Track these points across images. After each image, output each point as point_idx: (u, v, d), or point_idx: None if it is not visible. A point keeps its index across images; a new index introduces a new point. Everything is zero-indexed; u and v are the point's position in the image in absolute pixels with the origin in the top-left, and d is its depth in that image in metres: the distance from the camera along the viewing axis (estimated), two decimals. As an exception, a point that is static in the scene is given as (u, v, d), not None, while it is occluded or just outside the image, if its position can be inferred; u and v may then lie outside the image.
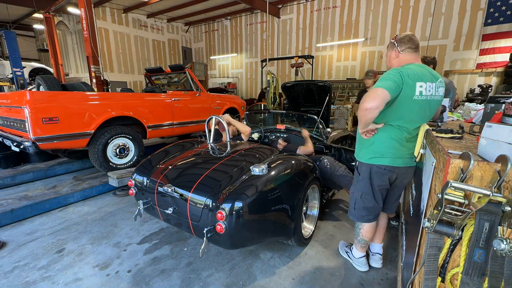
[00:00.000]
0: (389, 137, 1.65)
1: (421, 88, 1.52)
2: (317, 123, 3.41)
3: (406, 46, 1.65)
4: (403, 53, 1.66)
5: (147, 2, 10.42)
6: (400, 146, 1.65)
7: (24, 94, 3.03)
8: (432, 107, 1.64)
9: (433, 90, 1.58)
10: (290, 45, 11.71)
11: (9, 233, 2.63)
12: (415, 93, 1.51)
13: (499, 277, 0.83)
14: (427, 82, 1.54)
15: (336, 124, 7.38)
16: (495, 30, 7.60)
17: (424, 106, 1.58)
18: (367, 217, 1.87)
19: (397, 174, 1.73)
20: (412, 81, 1.50)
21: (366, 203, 1.83)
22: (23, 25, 13.20)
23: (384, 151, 1.67)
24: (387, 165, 1.68)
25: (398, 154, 1.66)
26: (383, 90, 1.45)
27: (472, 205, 0.88)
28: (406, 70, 1.53)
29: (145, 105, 4.18)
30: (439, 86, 1.62)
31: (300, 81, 4.54)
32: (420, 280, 1.12)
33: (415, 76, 1.52)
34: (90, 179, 3.89)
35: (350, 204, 1.94)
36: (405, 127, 1.61)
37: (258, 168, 1.90)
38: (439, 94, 1.63)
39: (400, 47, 1.66)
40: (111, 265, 2.13)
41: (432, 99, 1.59)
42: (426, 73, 1.58)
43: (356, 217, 1.92)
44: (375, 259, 2.10)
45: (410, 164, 1.72)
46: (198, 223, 1.83)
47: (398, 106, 1.55)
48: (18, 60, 7.48)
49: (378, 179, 1.74)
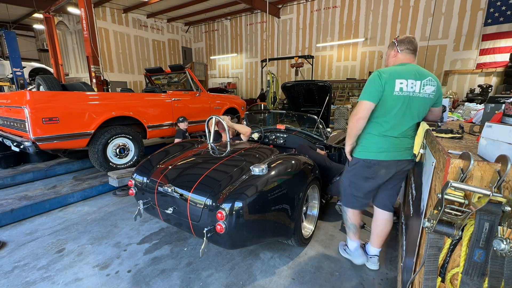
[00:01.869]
0: (372, 133, 1.79)
1: (401, 85, 1.63)
2: (317, 123, 3.41)
3: (405, 47, 1.75)
4: (401, 53, 1.76)
5: (147, 2, 10.42)
6: (382, 141, 1.75)
7: (24, 94, 3.03)
8: (419, 104, 1.68)
9: (416, 87, 1.65)
10: (290, 45, 11.72)
11: (9, 233, 2.63)
12: (395, 89, 1.63)
13: (499, 277, 0.83)
14: (408, 79, 1.64)
15: (336, 124, 7.38)
16: (495, 30, 7.60)
17: (407, 102, 1.65)
18: (353, 203, 2.01)
19: (382, 168, 1.81)
20: (391, 79, 1.63)
21: (354, 191, 1.97)
22: (23, 25, 13.20)
23: (369, 146, 1.80)
24: (372, 159, 1.81)
25: (381, 149, 1.76)
26: (366, 103, 1.67)
27: (472, 205, 0.88)
28: (385, 70, 1.67)
29: (145, 105, 4.18)
30: (426, 84, 1.67)
31: (300, 81, 4.54)
32: (420, 280, 1.12)
33: (394, 74, 1.64)
34: (90, 179, 3.89)
35: (341, 190, 2.12)
36: (389, 123, 1.71)
37: (258, 168, 1.90)
38: (425, 92, 1.67)
39: (400, 47, 1.76)
40: (111, 265, 2.13)
41: (415, 96, 1.66)
42: (410, 71, 1.66)
43: (345, 202, 2.06)
44: (373, 261, 2.10)
45: (398, 157, 1.77)
46: (198, 223, 1.83)
47: (381, 103, 1.68)
48: (18, 60, 7.48)
49: (364, 171, 1.86)
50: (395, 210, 2.10)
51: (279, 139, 3.58)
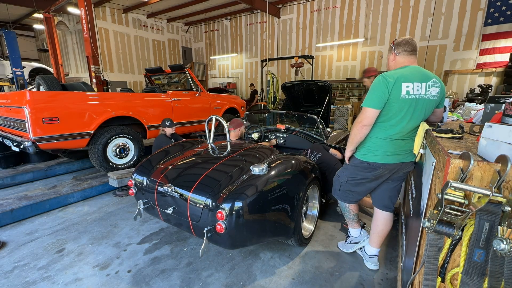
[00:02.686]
0: (377, 137, 1.76)
1: (407, 88, 1.62)
2: (317, 123, 3.41)
3: (402, 49, 1.74)
4: (399, 55, 1.76)
5: (147, 2, 10.42)
6: (388, 144, 1.74)
7: (24, 94, 3.03)
8: (424, 106, 1.68)
9: (422, 89, 1.64)
10: (290, 45, 11.72)
11: (9, 233, 2.63)
12: (401, 93, 1.62)
13: (499, 277, 0.83)
14: (414, 82, 1.63)
15: (336, 124, 7.38)
16: (495, 30, 7.60)
17: (414, 105, 1.65)
18: (349, 198, 2.04)
19: (387, 170, 1.81)
20: (397, 83, 1.61)
21: (351, 187, 1.99)
22: (23, 25, 13.20)
23: (375, 149, 1.78)
24: (377, 162, 1.79)
25: (388, 152, 1.75)
26: (371, 111, 1.66)
27: (472, 205, 0.88)
28: (390, 75, 1.65)
29: (145, 105, 4.18)
30: (431, 85, 1.67)
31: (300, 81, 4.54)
32: (420, 280, 1.12)
33: (400, 78, 1.62)
34: (90, 179, 3.89)
35: (335, 185, 2.12)
36: (395, 126, 1.69)
37: (258, 168, 1.90)
38: (430, 94, 1.67)
39: (397, 50, 1.76)
40: (111, 265, 2.13)
41: (421, 98, 1.66)
42: (414, 74, 1.66)
43: (340, 197, 2.10)
44: (372, 261, 2.10)
45: (403, 160, 1.78)
46: (198, 223, 1.83)
47: (388, 107, 1.66)
48: (18, 60, 7.48)
49: (368, 173, 1.86)
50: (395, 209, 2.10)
51: (279, 139, 3.58)
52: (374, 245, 2.09)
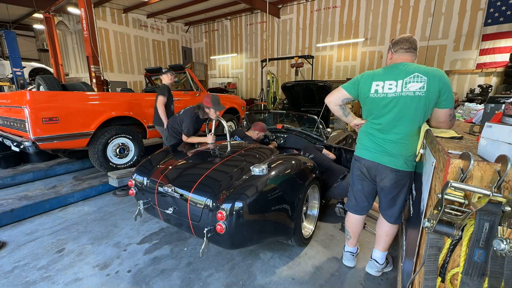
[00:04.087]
0: (361, 130, 1.90)
1: (377, 87, 1.69)
2: (317, 123, 3.41)
3: (399, 47, 1.72)
4: (396, 53, 1.74)
5: (147, 2, 10.41)
6: (365, 138, 1.82)
7: (24, 94, 3.03)
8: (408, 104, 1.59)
9: (396, 87, 1.62)
10: (290, 45, 11.72)
11: (9, 233, 2.63)
12: (370, 91, 1.71)
13: (499, 277, 0.83)
14: (386, 80, 1.67)
15: (336, 124, 7.38)
16: (495, 30, 7.60)
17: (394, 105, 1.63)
18: (353, 207, 2.00)
19: (364, 168, 1.84)
20: (368, 81, 1.72)
21: (351, 190, 2.01)
22: (23, 25, 13.19)
23: (358, 142, 1.90)
24: (356, 155, 1.90)
25: (364, 146, 1.83)
26: (340, 88, 1.83)
27: (472, 205, 0.88)
28: (368, 72, 1.78)
29: (145, 105, 4.18)
30: (409, 81, 1.58)
31: (300, 81, 4.54)
32: (420, 280, 1.12)
33: (373, 76, 1.72)
34: (90, 179, 3.89)
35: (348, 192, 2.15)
36: (375, 122, 1.75)
37: (258, 168, 1.90)
38: (408, 90, 1.57)
39: (394, 48, 1.75)
40: (111, 265, 2.13)
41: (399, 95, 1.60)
42: (392, 72, 1.65)
43: (348, 205, 2.06)
44: (370, 265, 2.04)
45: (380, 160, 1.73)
46: (198, 223, 1.83)
47: (362, 104, 1.82)
48: (18, 60, 7.48)
49: (355, 169, 1.93)
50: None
51: (279, 139, 3.58)
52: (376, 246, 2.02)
